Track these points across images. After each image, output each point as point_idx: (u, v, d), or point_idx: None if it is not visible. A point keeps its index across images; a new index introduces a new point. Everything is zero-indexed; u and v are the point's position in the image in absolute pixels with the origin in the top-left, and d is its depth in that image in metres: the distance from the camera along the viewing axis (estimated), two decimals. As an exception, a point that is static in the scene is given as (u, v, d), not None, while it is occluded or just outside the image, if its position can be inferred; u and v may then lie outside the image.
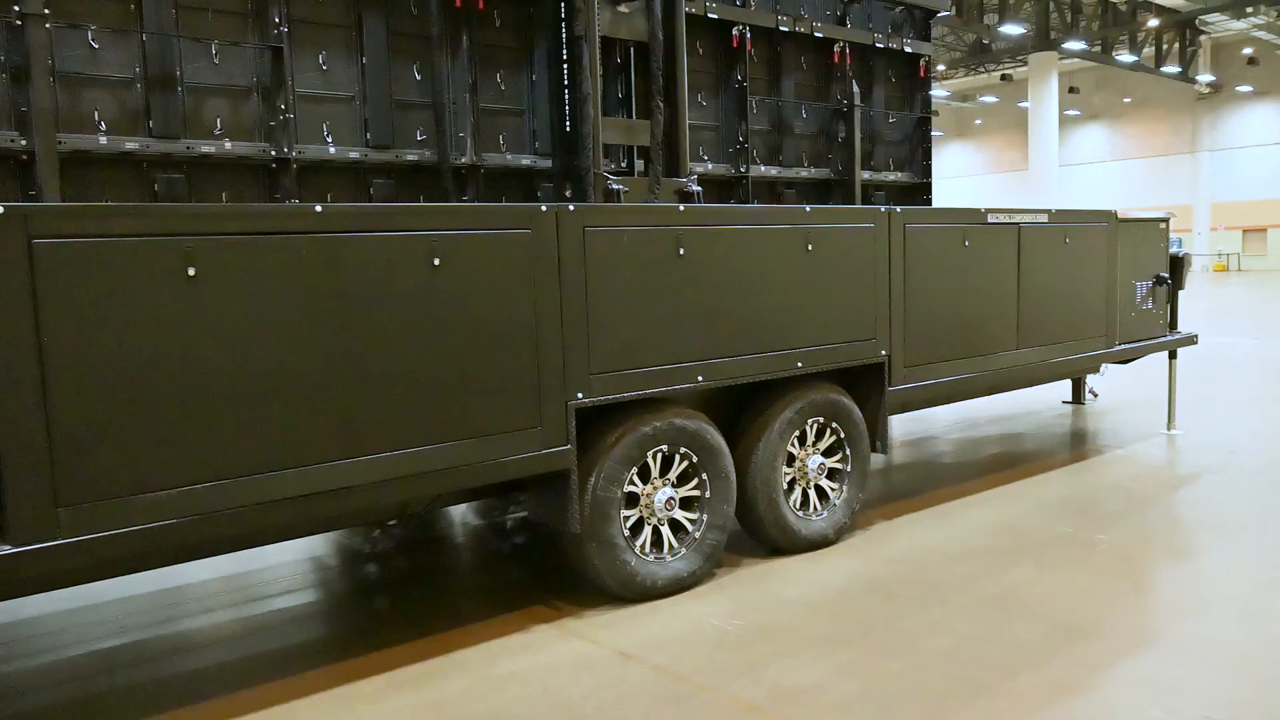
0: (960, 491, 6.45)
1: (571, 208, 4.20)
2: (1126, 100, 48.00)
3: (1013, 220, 6.22)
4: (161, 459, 3.23)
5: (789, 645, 4.09)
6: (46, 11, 4.46)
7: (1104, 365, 7.69)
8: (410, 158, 5.73)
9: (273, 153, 5.26)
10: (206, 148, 5.09)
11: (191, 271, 3.26)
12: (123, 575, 3.64)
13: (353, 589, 5.19)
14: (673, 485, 4.66)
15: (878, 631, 4.21)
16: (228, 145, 5.16)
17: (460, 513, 6.37)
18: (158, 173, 5.01)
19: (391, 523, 6.12)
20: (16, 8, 4.41)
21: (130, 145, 4.87)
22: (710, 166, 7.12)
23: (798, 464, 5.20)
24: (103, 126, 4.82)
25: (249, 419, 3.39)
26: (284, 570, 5.35)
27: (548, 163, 6.15)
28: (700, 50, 7.03)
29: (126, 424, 3.16)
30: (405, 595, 4.98)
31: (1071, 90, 43.46)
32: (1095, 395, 9.67)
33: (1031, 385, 7.33)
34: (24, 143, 4.55)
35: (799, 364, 5.03)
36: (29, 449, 3.01)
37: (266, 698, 3.74)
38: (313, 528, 4.18)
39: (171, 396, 3.24)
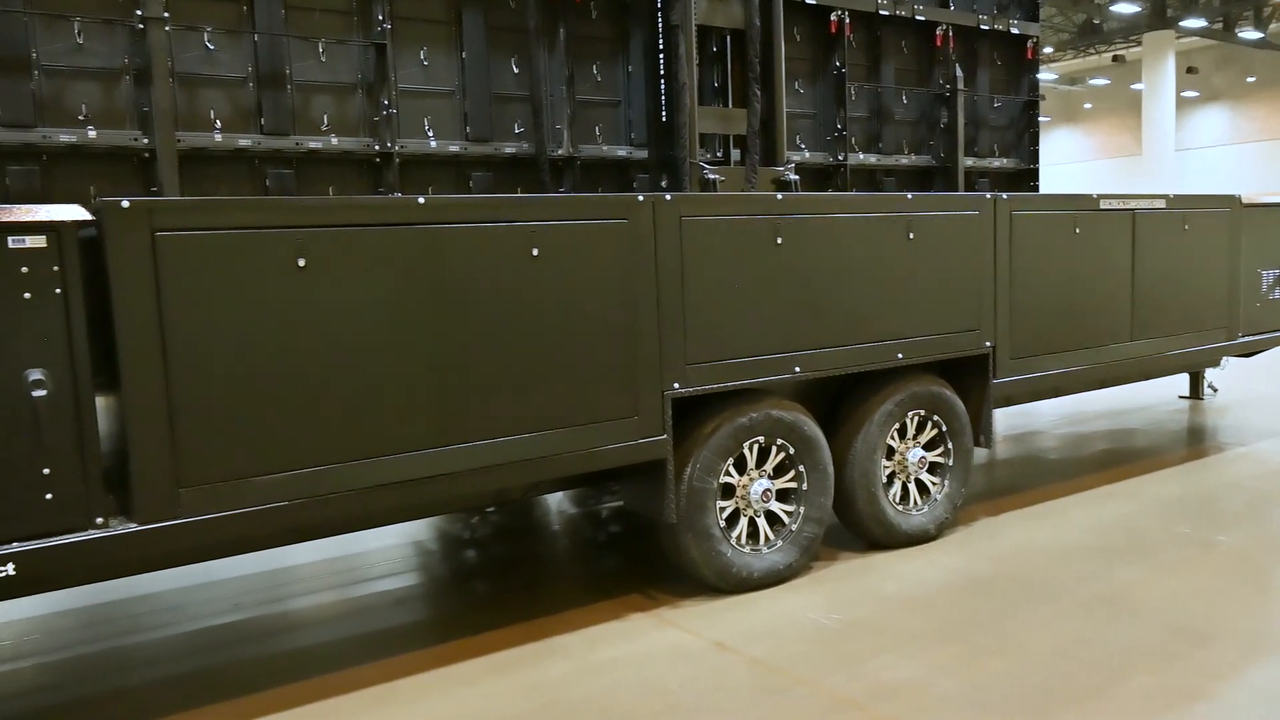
0: (1068, 489, 6.22)
1: (668, 197, 4.19)
2: (1250, 80, 45.52)
3: (1127, 206, 5.95)
4: (273, 443, 3.35)
5: (888, 641, 4.01)
6: (166, 15, 4.66)
7: (1224, 358, 7.30)
8: (508, 150, 5.80)
9: (376, 147, 5.39)
10: (314, 143, 5.25)
11: (301, 262, 3.36)
12: (236, 555, 3.79)
13: (452, 574, 5.30)
14: (769, 477, 4.61)
15: (980, 630, 4.09)
16: (334, 141, 5.31)
17: (556, 501, 6.44)
18: (269, 168, 5.19)
19: (490, 509, 6.23)
20: (139, 11, 4.62)
21: (243, 142, 5.05)
22: (807, 155, 7.02)
23: (897, 457, 5.09)
24: (218, 125, 5.02)
25: (355, 405, 3.49)
26: (386, 554, 5.50)
27: (643, 153, 6.16)
28: (797, 37, 6.93)
29: (241, 409, 3.29)
30: (503, 581, 5.06)
31: (1189, 70, 41.43)
32: (1215, 390, 9.20)
33: (1145, 379, 7.03)
34: (146, 141, 4.77)
35: (899, 355, 4.92)
36: (153, 432, 3.15)
37: (369, 676, 3.84)
38: (414, 513, 4.28)
39: (282, 383, 3.36)
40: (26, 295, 3.00)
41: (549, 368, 3.89)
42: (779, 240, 4.48)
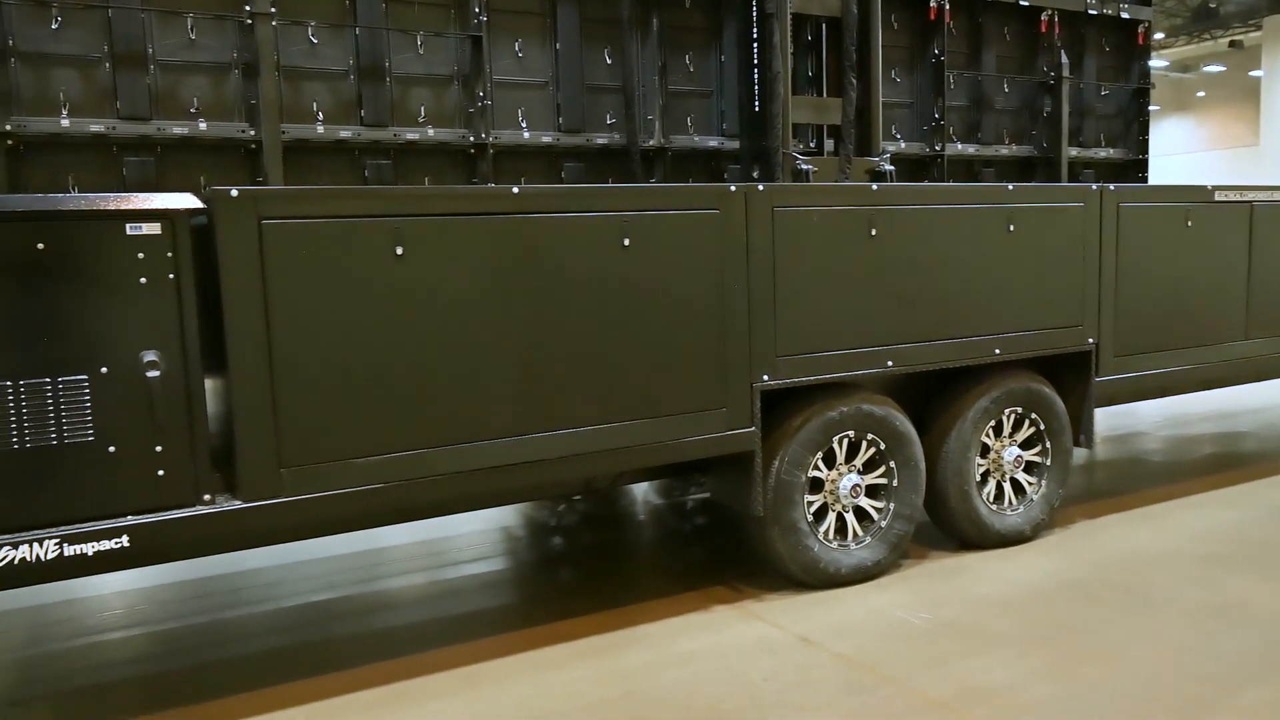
0: (1172, 492, 5.97)
1: (761, 187, 4.15)
2: (1380, 65, 42.87)
3: (1244, 198, 5.67)
4: (369, 427, 3.44)
5: (979, 643, 3.91)
6: (273, 10, 4.81)
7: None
8: (600, 141, 5.83)
9: (471, 138, 5.47)
10: (411, 134, 5.36)
11: (399, 250, 3.44)
12: (333, 534, 3.90)
13: (539, 560, 5.37)
14: (859, 472, 4.54)
15: (1077, 635, 3.96)
16: (430, 132, 5.41)
17: (641, 491, 6.47)
18: (368, 159, 5.32)
19: (576, 497, 6.29)
20: (247, 7, 4.77)
21: (344, 133, 5.19)
22: (903, 145, 6.87)
23: (992, 455, 4.96)
24: (320, 116, 5.16)
25: (448, 392, 3.55)
26: (475, 539, 5.60)
27: (735, 144, 6.11)
28: (895, 24, 6.78)
29: (339, 393, 3.38)
30: (588, 569, 5.11)
31: (1313, 56, 39.21)
32: (1335, 393, 8.72)
33: (1260, 380, 6.68)
34: (253, 133, 4.94)
35: (997, 350, 4.79)
36: (257, 413, 3.27)
37: (457, 657, 3.92)
38: (504, 498, 4.35)
39: (379, 368, 3.44)
40: (143, 280, 3.14)
41: (638, 357, 3.90)
42: (873, 232, 4.40)
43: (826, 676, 3.67)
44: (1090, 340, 5.11)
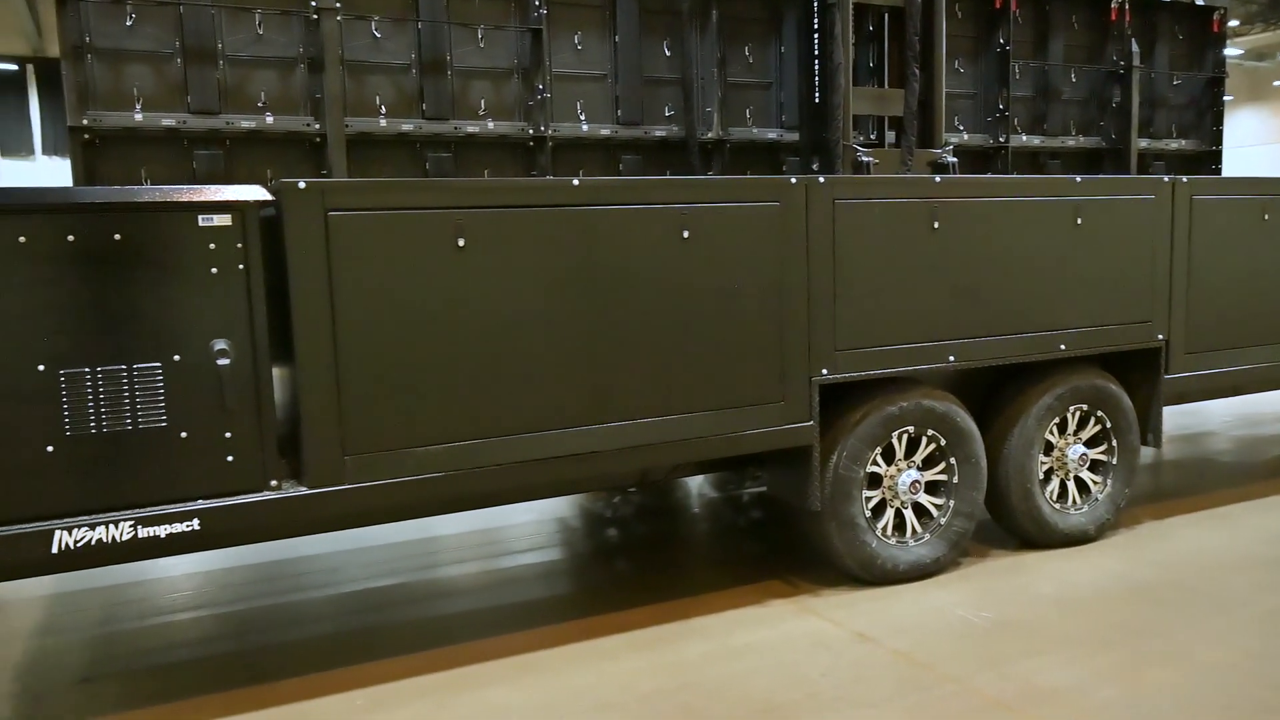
0: (1244, 494, 5.80)
1: (821, 180, 4.11)
2: None
3: (1325, 191, 5.47)
4: (431, 416, 3.49)
5: (1041, 643, 3.84)
6: (338, 5, 4.88)
7: None
8: (658, 133, 5.82)
9: (530, 131, 5.51)
10: (471, 128, 5.40)
11: (461, 242, 3.47)
12: (395, 521, 3.97)
13: (594, 551, 5.39)
14: (918, 468, 4.48)
15: (1144, 638, 3.87)
16: (490, 125, 5.46)
17: (696, 484, 6.46)
18: (429, 152, 5.38)
19: (631, 489, 6.30)
20: (313, 3, 4.85)
21: (406, 126, 5.25)
22: (966, 136, 6.75)
23: (1056, 453, 4.86)
24: (383, 110, 5.23)
25: (508, 382, 3.59)
26: (530, 529, 5.64)
27: (794, 136, 6.07)
28: (959, 13, 6.66)
29: (402, 382, 3.44)
30: (643, 561, 5.12)
31: (1398, 43, 37.64)
32: None
33: (1338, 379, 6.45)
34: (317, 126, 5.02)
35: (1062, 346, 4.69)
36: (323, 401, 3.33)
37: (514, 645, 3.96)
38: (560, 489, 4.38)
39: (441, 358, 3.49)
40: (214, 270, 3.21)
41: (697, 350, 3.90)
42: (936, 224, 4.34)
43: (884, 673, 3.63)
44: (1160, 337, 4.97)
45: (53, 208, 3.05)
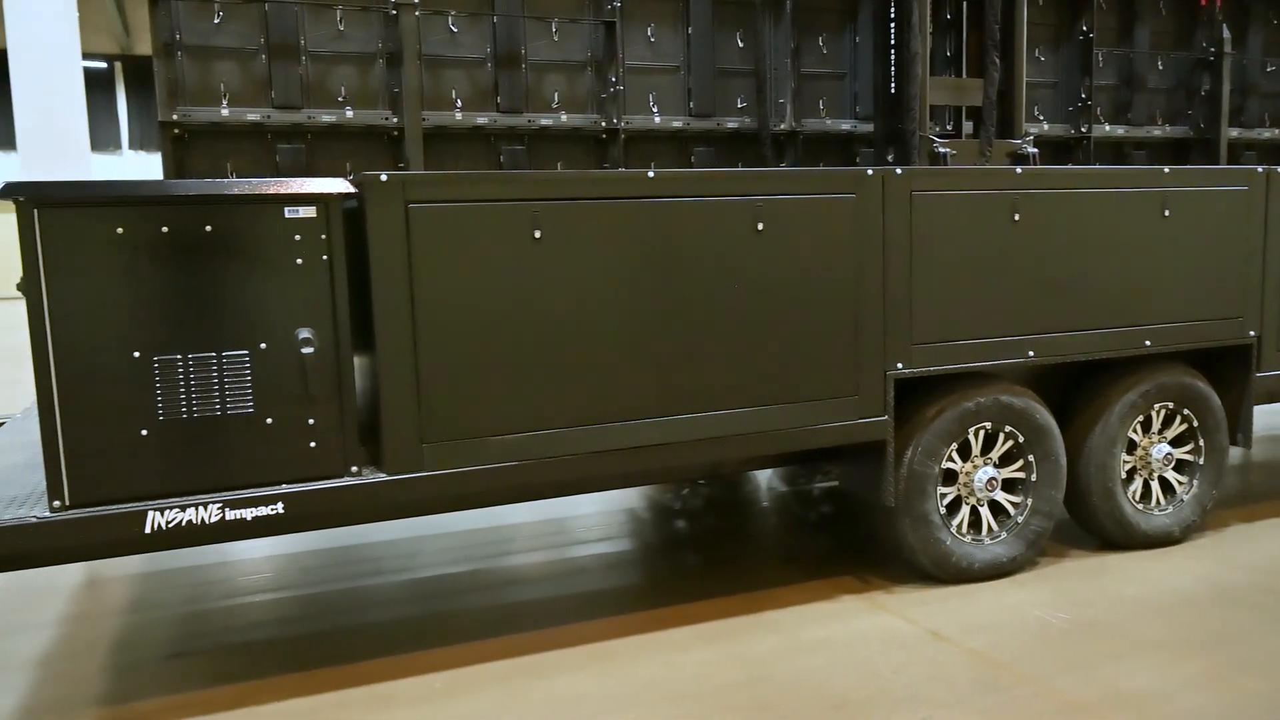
0: (1340, 497, 5.58)
1: (898, 171, 4.06)
2: None
3: None
4: (507, 406, 3.53)
5: (1124, 647, 3.75)
6: (416, 0, 4.96)
7: None
8: (730, 125, 5.79)
9: (603, 124, 5.52)
10: (545, 120, 5.44)
11: (538, 234, 3.51)
12: (471, 509, 4.03)
13: (664, 542, 5.40)
14: (995, 465, 4.40)
15: (1233, 644, 3.75)
16: (563, 118, 5.48)
17: (765, 478, 6.43)
18: (503, 144, 5.43)
19: (700, 482, 6.30)
20: (392, -1, 4.94)
21: (481, 120, 5.31)
22: (1046, 127, 6.58)
23: (1139, 452, 4.73)
24: (458, 104, 5.30)
25: (583, 373, 3.62)
26: (599, 519, 5.68)
27: (868, 127, 5.98)
28: (1040, 0, 6.50)
29: (479, 372, 3.49)
30: (713, 553, 5.11)
31: None
32: None
33: None
34: (395, 120, 5.11)
35: (1147, 342, 4.56)
36: (402, 390, 3.40)
37: (585, 634, 3.99)
38: (634, 480, 4.40)
39: (517, 349, 3.53)
40: (299, 261, 3.30)
41: (771, 342, 3.88)
42: (1016, 217, 4.24)
43: (959, 673, 3.58)
44: (1251, 333, 4.80)
45: (149, 200, 3.16)
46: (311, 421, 3.35)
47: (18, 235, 3.01)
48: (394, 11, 4.97)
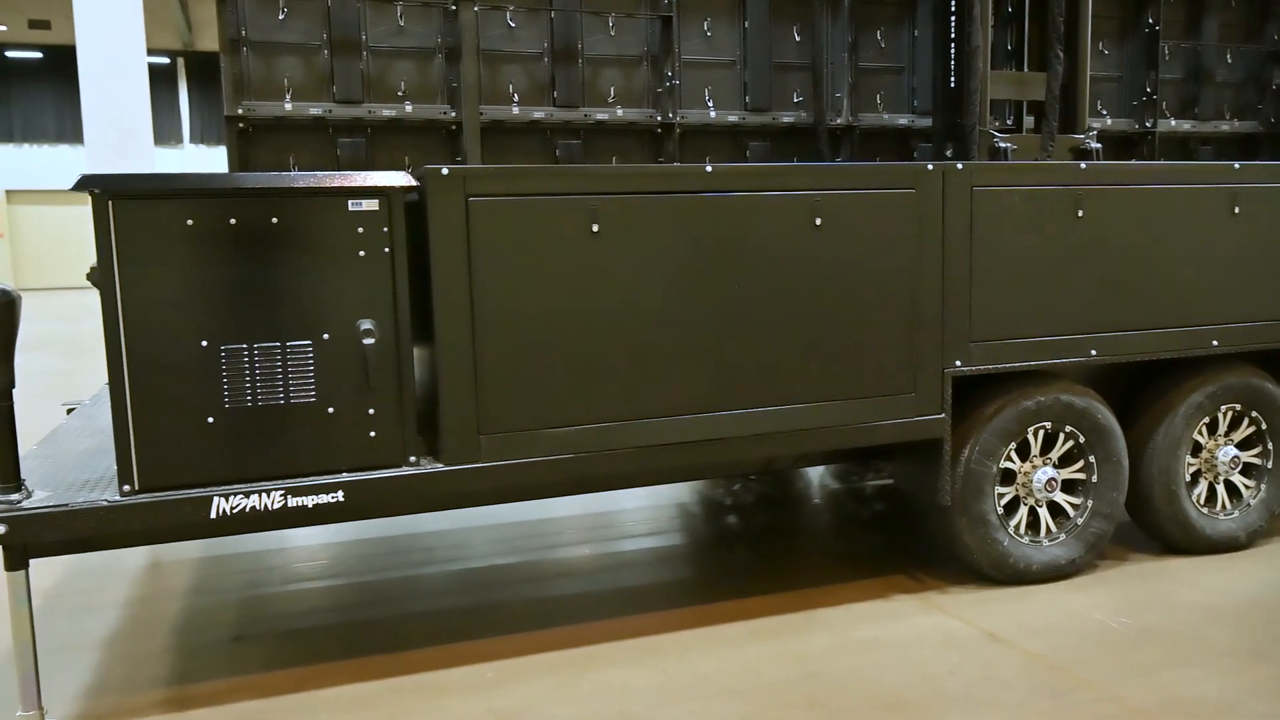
0: None
1: (959, 166, 4.01)
2: None
3: None
4: (562, 398, 3.56)
5: (1187, 653, 3.67)
6: (476, -6, 5.01)
7: None
8: (786, 120, 5.76)
9: (658, 118, 5.52)
10: (601, 115, 5.45)
11: (595, 228, 3.52)
12: (525, 500, 4.07)
13: (714, 537, 5.40)
14: (1054, 465, 4.33)
15: (1302, 653, 3.65)
16: (619, 112, 5.49)
17: (817, 475, 6.39)
18: (559, 139, 5.46)
19: (751, 477, 6.28)
20: (452, -6, 4.98)
21: (537, 114, 5.34)
22: (1109, 121, 6.45)
23: (1204, 455, 4.62)
24: (515, 98, 5.33)
25: (639, 367, 3.63)
26: (649, 513, 5.69)
27: (926, 121, 5.91)
28: (1105, -9, 6.36)
29: (536, 364, 3.51)
30: (764, 549, 5.10)
31: None
32: None
33: None
34: (453, 114, 5.16)
35: (1214, 342, 4.45)
36: (460, 381, 3.43)
37: (637, 627, 4.00)
38: (688, 474, 4.40)
39: (574, 342, 3.55)
40: (361, 253, 3.34)
41: (827, 338, 3.85)
42: (1080, 213, 4.17)
43: (1017, 675, 3.53)
44: (1324, 334, 4.67)
45: (218, 192, 3.23)
46: (372, 411, 3.40)
47: (93, 226, 3.10)
48: (454, 7, 5.01)
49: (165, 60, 25.94)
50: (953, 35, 5.45)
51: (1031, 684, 3.47)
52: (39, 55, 27.12)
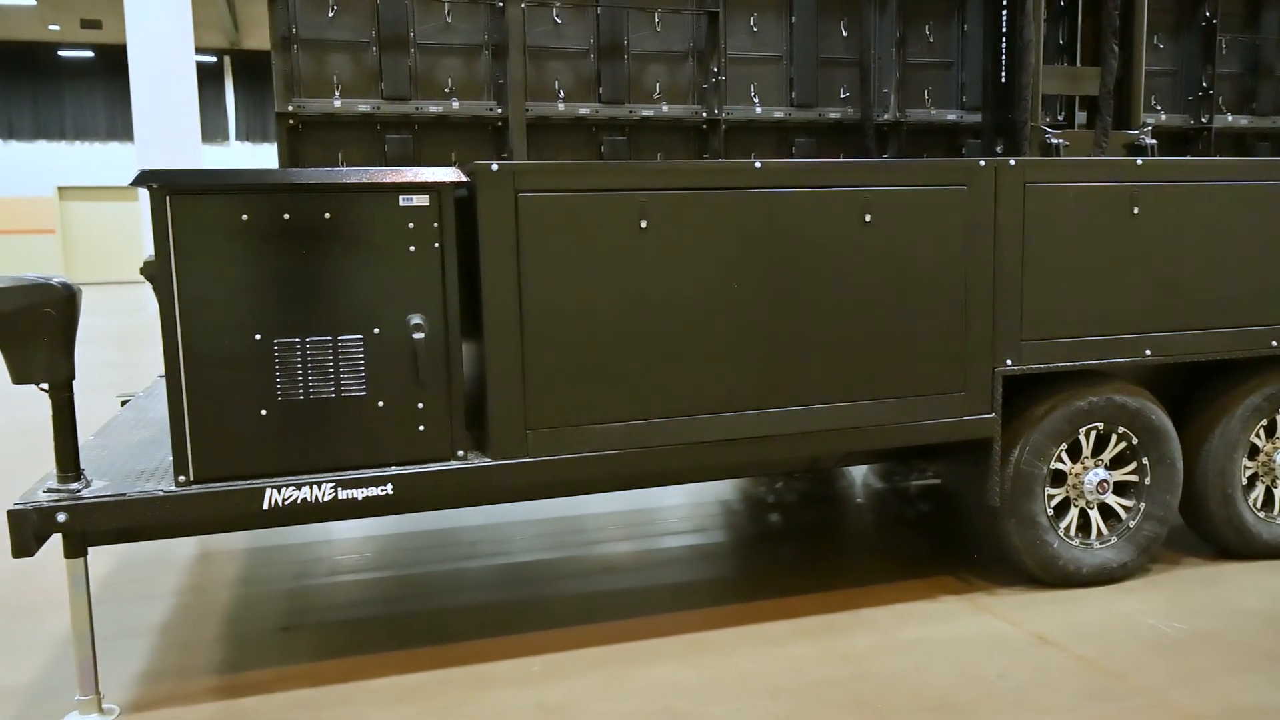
0: None
1: (1012, 162, 3.95)
2: None
3: None
4: (609, 394, 3.56)
5: (1244, 660, 3.59)
6: (523, -8, 5.02)
7: None
8: (832, 116, 5.72)
9: (704, 114, 5.51)
10: (646, 111, 5.45)
11: (644, 223, 3.52)
12: (571, 495, 4.07)
13: (757, 535, 5.38)
14: (1106, 467, 4.26)
15: (1365, 662, 3.56)
16: (665, 109, 5.49)
17: (860, 474, 6.35)
18: (604, 135, 5.46)
19: (795, 475, 6.24)
20: (498, -9, 5.01)
21: (583, 110, 5.35)
22: (1163, 117, 6.32)
23: (1262, 458, 4.52)
24: (561, 94, 5.34)
25: (686, 363, 3.62)
26: (692, 510, 5.68)
27: (975, 117, 5.84)
28: (1160, -15, 6.24)
29: (583, 360, 3.52)
30: (808, 548, 5.07)
31: None
32: None
33: None
34: (499, 110, 5.18)
35: (1274, 343, 4.35)
36: (508, 376, 3.45)
37: (681, 624, 4.00)
38: (734, 471, 4.40)
39: (621, 338, 3.55)
40: (411, 248, 3.37)
41: (875, 336, 3.82)
42: (1136, 210, 4.09)
43: (1068, 679, 3.48)
44: (1388, 335, 4.54)
45: (273, 188, 3.27)
46: (421, 406, 3.42)
47: (151, 221, 3.15)
48: (500, 4, 5.04)
49: (212, 59, 26.35)
50: (1004, 29, 5.38)
51: (1083, 688, 3.41)
52: (90, 55, 27.68)
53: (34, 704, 3.47)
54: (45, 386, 3.20)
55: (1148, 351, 4.19)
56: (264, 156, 27.20)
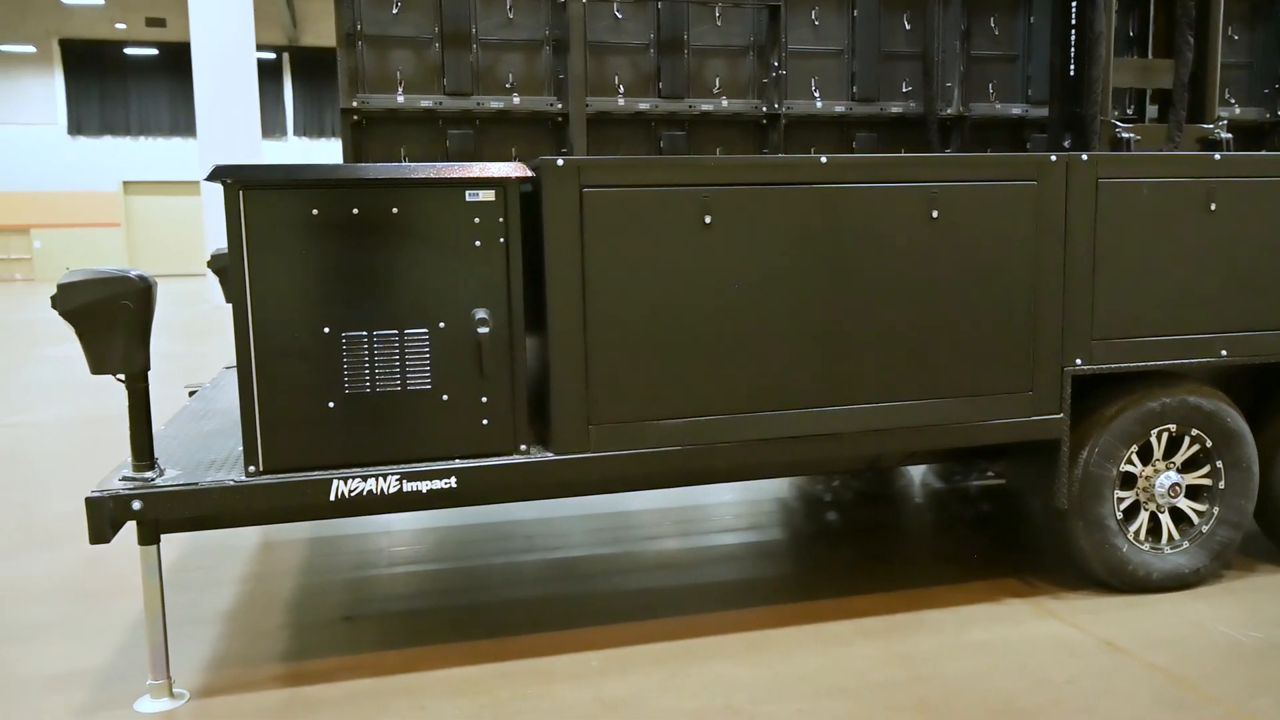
0: None
1: (1084, 157, 3.86)
2: None
3: None
4: (672, 390, 3.55)
5: (1325, 671, 3.48)
6: (584, -12, 5.02)
7: None
8: (894, 110, 5.64)
9: (764, 109, 5.47)
10: (706, 106, 5.42)
11: (708, 219, 3.50)
12: (632, 491, 4.08)
13: (816, 533, 5.33)
14: (1178, 470, 4.15)
15: None
16: (724, 103, 5.45)
17: (919, 473, 6.26)
18: (663, 130, 5.45)
19: (854, 474, 6.18)
20: (561, -12, 5.01)
21: (642, 105, 5.34)
22: (1238, 110, 6.13)
23: (1343, 463, 4.37)
24: (621, 89, 5.34)
25: (750, 360, 3.59)
26: (750, 508, 5.65)
27: (1040, 111, 5.72)
28: (1237, -25, 6.05)
29: (646, 356, 3.51)
30: (868, 547, 5.01)
31: None
32: None
33: None
34: (560, 106, 5.19)
35: (1357, 344, 4.20)
36: (571, 371, 3.45)
37: (740, 622, 3.98)
38: (794, 469, 4.37)
39: (684, 334, 3.54)
40: (477, 243, 3.39)
41: (941, 334, 3.76)
42: (1213, 206, 3.98)
43: (1139, 687, 3.40)
44: None
45: (342, 183, 3.30)
46: (485, 400, 3.44)
47: (224, 216, 3.20)
48: (562, 0, 5.04)
49: (271, 56, 26.80)
50: (1073, 21, 5.25)
51: (1155, 697, 3.33)
52: (154, 52, 28.31)
53: (105, 688, 3.55)
54: (122, 377, 3.28)
55: (1223, 352, 4.07)
56: (320, 152, 27.59)
